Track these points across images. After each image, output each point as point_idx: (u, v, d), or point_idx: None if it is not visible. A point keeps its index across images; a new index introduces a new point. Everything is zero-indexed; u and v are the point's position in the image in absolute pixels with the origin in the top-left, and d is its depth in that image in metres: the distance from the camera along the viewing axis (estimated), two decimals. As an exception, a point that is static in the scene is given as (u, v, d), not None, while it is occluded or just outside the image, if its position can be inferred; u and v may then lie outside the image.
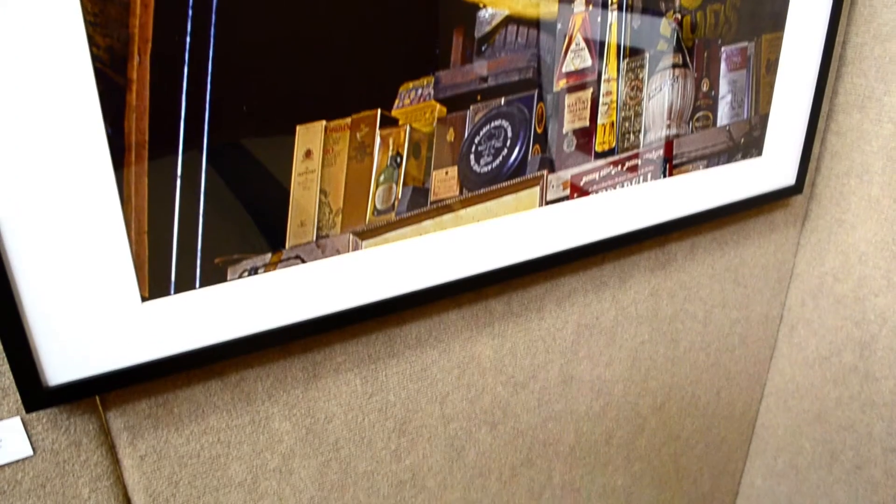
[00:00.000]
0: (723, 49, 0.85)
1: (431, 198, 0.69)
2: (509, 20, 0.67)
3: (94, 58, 0.50)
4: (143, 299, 0.58)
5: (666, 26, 0.78)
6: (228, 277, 0.61)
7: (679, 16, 0.79)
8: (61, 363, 0.57)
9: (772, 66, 0.92)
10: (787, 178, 1.03)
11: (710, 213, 0.94)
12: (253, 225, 0.61)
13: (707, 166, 0.90)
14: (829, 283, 1.18)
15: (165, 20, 0.52)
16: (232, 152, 0.58)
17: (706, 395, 1.21)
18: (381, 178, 0.65)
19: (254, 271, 0.62)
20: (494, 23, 0.66)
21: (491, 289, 0.82)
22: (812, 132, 1.02)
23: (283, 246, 0.63)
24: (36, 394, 0.56)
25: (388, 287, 0.70)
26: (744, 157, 0.95)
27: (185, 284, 0.59)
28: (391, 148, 0.65)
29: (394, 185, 0.66)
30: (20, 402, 0.58)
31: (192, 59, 0.54)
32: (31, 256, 0.53)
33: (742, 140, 0.93)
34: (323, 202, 0.63)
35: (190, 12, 0.53)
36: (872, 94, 1.05)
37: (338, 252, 0.66)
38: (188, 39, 0.53)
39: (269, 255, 0.62)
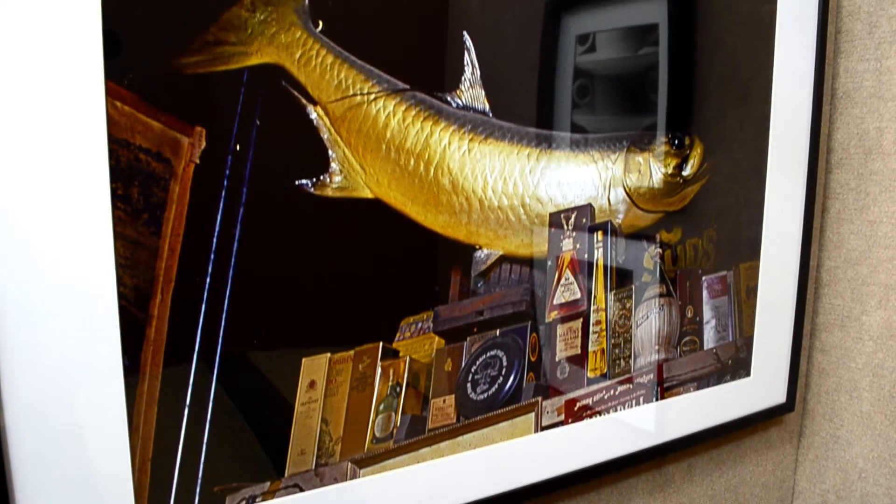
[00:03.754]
0: (703, 278, 0.91)
1: (429, 425, 0.70)
2: (503, 259, 0.73)
3: (121, 296, 0.54)
4: (139, 528, 0.58)
5: (649, 260, 0.84)
6: (225, 507, 0.61)
7: (660, 250, 0.85)
8: None
9: (751, 292, 0.98)
10: (778, 396, 1.06)
11: (705, 433, 0.95)
12: (254, 454, 0.62)
13: (698, 388, 0.93)
14: (832, 502, 1.15)
15: (189, 263, 0.57)
16: (240, 384, 0.61)
17: None
18: (381, 406, 0.67)
19: (252, 500, 0.62)
20: (490, 262, 0.72)
21: (488, 514, 0.81)
22: (797, 351, 1.06)
23: (283, 474, 0.63)
24: None
25: (385, 515, 0.70)
26: (733, 377, 0.97)
27: (182, 514, 0.59)
28: (391, 378, 0.67)
29: (393, 414, 0.68)
30: None
31: (210, 298, 0.58)
32: (34, 477, 0.53)
33: (730, 362, 0.97)
34: (324, 431, 0.65)
35: (212, 256, 0.58)
36: (850, 313, 1.10)
37: (336, 480, 0.66)
38: (208, 280, 0.58)
39: (267, 484, 0.63)
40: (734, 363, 0.97)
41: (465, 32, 0.68)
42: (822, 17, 0.99)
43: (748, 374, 1.00)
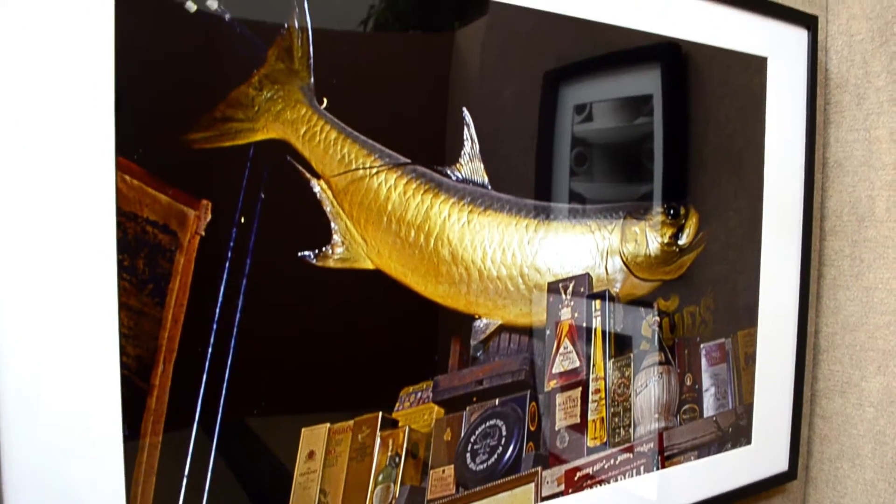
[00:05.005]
0: (702, 346, 0.92)
1: (428, 496, 0.70)
2: (502, 328, 0.73)
3: (123, 366, 0.55)
4: None
5: (647, 328, 0.85)
6: (220, 582, 0.60)
7: (658, 318, 0.86)
8: None
9: (750, 359, 0.98)
10: (780, 464, 1.05)
11: (707, 503, 0.94)
12: (251, 527, 0.62)
13: (698, 457, 0.92)
14: (839, 574, 1.13)
15: (192, 333, 0.58)
16: (239, 453, 0.61)
17: None
18: (380, 477, 0.67)
19: (248, 574, 0.62)
20: (489, 331, 0.72)
21: (487, 588, 0.79)
22: (798, 418, 1.06)
23: (279, 548, 0.63)
24: None
25: (383, 590, 0.69)
26: (734, 445, 0.97)
27: (176, 590, 0.59)
28: (390, 448, 0.67)
29: (392, 485, 0.68)
30: None
31: (212, 367, 0.59)
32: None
33: (730, 430, 0.96)
34: (322, 501, 0.64)
35: (215, 326, 0.59)
36: (850, 379, 1.10)
37: (333, 553, 0.65)
38: (210, 350, 0.59)
39: (263, 558, 0.62)
40: (735, 431, 0.97)
41: (464, 108, 0.70)
42: (810, 90, 1.02)
43: (749, 442, 0.99)
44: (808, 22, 1.01)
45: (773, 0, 0.99)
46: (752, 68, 0.95)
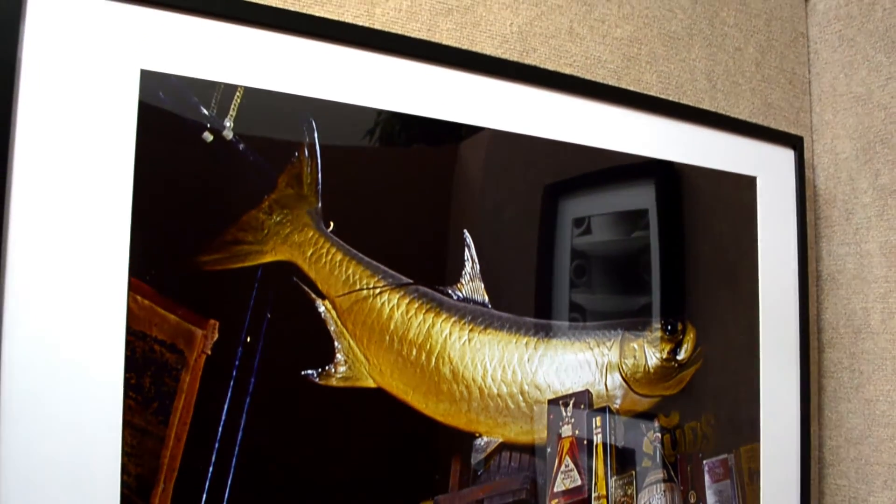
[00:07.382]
0: (704, 462, 0.91)
1: None
2: (503, 446, 0.73)
3: (124, 484, 0.55)
4: None
5: (648, 444, 0.84)
6: None
7: (659, 434, 0.86)
8: None
9: (754, 474, 0.97)
10: (791, 586, 1.01)
11: None
12: None
13: (706, 579, 0.90)
14: None
15: (194, 452, 0.58)
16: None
17: None
18: None
19: None
20: (490, 449, 0.72)
21: None
22: (807, 535, 1.03)
23: None
24: None
25: None
26: (742, 566, 0.94)
27: None
28: (390, 572, 0.66)
29: None
30: None
31: (212, 486, 0.59)
32: None
33: (737, 549, 0.94)
34: None
35: (217, 445, 0.59)
36: (857, 494, 1.08)
37: None
38: (211, 469, 0.59)
39: None
40: (742, 550, 0.95)
41: (465, 230, 0.73)
42: (800, 205, 1.05)
43: (758, 562, 0.97)
44: (793, 142, 1.06)
45: (759, 123, 1.04)
46: (743, 186, 0.99)
